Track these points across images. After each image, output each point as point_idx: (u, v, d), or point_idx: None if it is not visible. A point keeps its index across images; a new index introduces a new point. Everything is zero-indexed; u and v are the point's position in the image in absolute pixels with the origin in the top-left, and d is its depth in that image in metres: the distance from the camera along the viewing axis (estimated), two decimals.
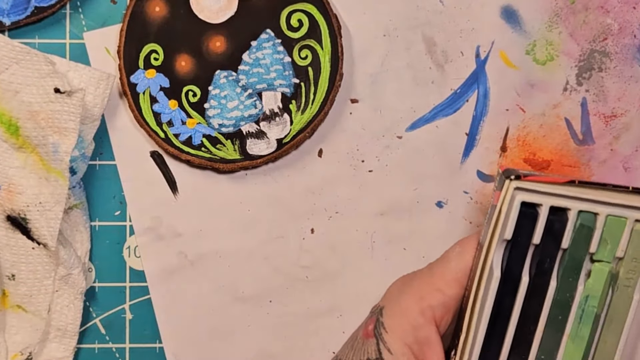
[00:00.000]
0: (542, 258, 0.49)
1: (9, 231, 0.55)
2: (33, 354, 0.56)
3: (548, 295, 0.49)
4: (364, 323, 0.54)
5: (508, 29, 0.58)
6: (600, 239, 0.48)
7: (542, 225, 0.48)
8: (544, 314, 0.49)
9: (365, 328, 0.53)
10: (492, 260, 0.48)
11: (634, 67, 0.58)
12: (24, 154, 0.55)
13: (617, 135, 0.59)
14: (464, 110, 0.58)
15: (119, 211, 0.58)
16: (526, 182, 0.47)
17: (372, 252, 0.59)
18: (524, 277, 0.49)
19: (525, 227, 0.48)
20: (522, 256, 0.49)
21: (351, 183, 0.59)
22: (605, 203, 0.48)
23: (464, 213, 0.59)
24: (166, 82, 0.57)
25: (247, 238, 0.58)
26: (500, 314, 0.49)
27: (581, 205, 0.48)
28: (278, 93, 0.57)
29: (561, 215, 0.48)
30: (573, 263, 0.49)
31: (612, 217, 0.48)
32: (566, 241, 0.48)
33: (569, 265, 0.49)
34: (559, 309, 0.49)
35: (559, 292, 0.49)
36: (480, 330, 0.49)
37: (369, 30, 0.58)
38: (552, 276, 0.49)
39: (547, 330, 0.49)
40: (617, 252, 0.49)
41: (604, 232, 0.48)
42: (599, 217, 0.48)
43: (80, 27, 0.57)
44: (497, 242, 0.48)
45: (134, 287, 0.59)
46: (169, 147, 0.57)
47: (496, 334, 0.49)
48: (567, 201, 0.48)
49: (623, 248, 0.49)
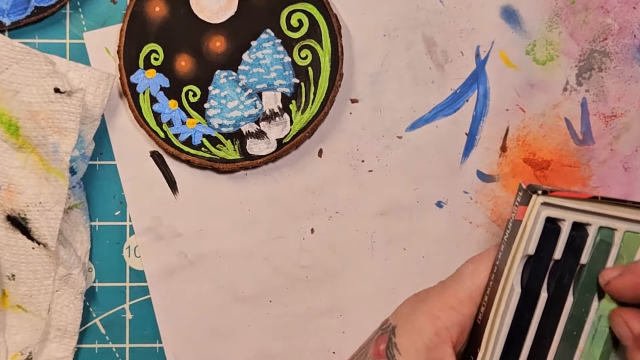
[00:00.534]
0: (562, 273, 0.48)
1: (9, 231, 0.55)
2: (33, 354, 0.56)
3: (565, 310, 0.49)
4: (372, 339, 0.54)
5: (508, 29, 0.58)
6: (618, 255, 0.48)
7: (564, 240, 0.48)
8: (559, 329, 0.49)
9: (376, 347, 0.52)
10: (514, 276, 0.48)
11: (634, 67, 0.58)
12: (24, 154, 0.55)
13: (617, 135, 0.59)
14: (464, 110, 0.58)
15: (119, 211, 0.58)
16: (552, 197, 0.47)
17: (372, 252, 0.59)
18: (543, 293, 0.48)
19: (547, 242, 0.48)
20: (542, 271, 0.48)
21: (351, 183, 0.59)
22: (624, 219, 0.48)
23: (464, 213, 0.59)
24: (166, 82, 0.57)
25: (247, 238, 0.58)
26: (517, 329, 0.49)
27: (601, 221, 0.48)
28: (278, 93, 0.57)
29: (581, 230, 0.48)
30: (590, 279, 0.49)
31: (629, 233, 0.48)
32: (585, 257, 0.48)
33: (587, 281, 0.49)
34: (574, 325, 0.49)
35: (575, 308, 0.49)
36: (498, 346, 0.49)
37: (369, 30, 0.58)
38: (569, 292, 0.49)
39: (561, 345, 0.49)
40: None
41: (621, 248, 0.48)
42: (617, 233, 0.48)
43: (80, 27, 0.57)
44: (520, 258, 0.48)
45: (134, 287, 0.59)
46: (169, 147, 0.57)
47: (512, 349, 0.49)
48: (589, 217, 0.48)
49: None
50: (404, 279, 0.59)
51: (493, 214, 0.59)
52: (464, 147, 0.58)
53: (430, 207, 0.59)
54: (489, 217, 0.59)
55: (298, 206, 0.58)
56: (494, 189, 0.59)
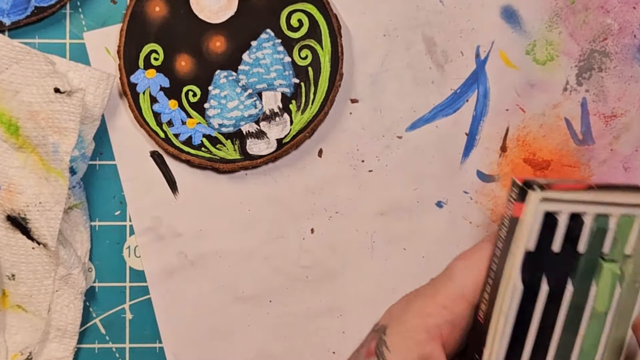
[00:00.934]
0: (560, 265, 0.49)
1: (9, 231, 0.55)
2: (33, 354, 0.56)
3: (565, 301, 0.49)
4: (365, 342, 0.53)
5: (508, 29, 0.58)
6: (613, 240, 0.49)
7: (561, 232, 0.48)
8: (560, 319, 0.49)
9: (367, 347, 0.52)
10: (515, 274, 0.48)
11: (634, 67, 0.58)
12: (24, 154, 0.55)
13: (617, 135, 0.59)
14: (464, 110, 0.58)
15: (119, 211, 0.58)
16: (550, 191, 0.47)
17: (372, 252, 0.59)
18: (543, 286, 0.49)
19: (545, 236, 0.48)
20: (541, 265, 0.48)
21: (351, 183, 0.59)
22: (618, 204, 0.48)
23: (464, 213, 0.59)
24: (166, 82, 0.57)
25: (247, 238, 0.58)
26: (520, 324, 0.49)
27: (598, 209, 0.48)
28: (278, 93, 0.57)
29: (577, 220, 0.48)
30: (588, 266, 0.49)
31: (624, 217, 0.48)
32: (583, 246, 0.48)
33: (585, 268, 0.49)
34: (575, 313, 0.49)
35: (576, 297, 0.49)
36: (504, 344, 0.49)
37: (369, 30, 0.58)
38: (568, 282, 0.49)
39: (564, 334, 0.49)
40: (626, 250, 0.49)
41: (616, 232, 0.48)
42: (612, 219, 0.48)
43: (80, 27, 0.57)
44: (521, 254, 0.48)
45: (134, 287, 0.59)
46: (169, 147, 0.57)
47: (516, 344, 0.49)
48: (585, 206, 0.48)
49: (632, 246, 0.49)
50: (404, 279, 0.58)
51: (493, 214, 0.59)
52: (464, 147, 0.58)
53: (430, 207, 0.59)
54: (489, 217, 0.59)
55: (298, 206, 0.58)
56: (494, 189, 0.59)
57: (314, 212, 0.59)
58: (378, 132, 0.58)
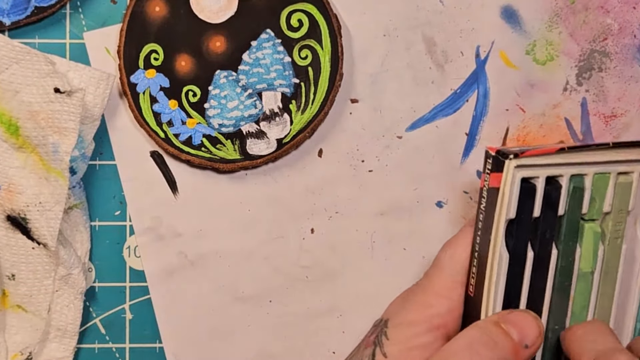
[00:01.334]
0: (542, 229, 0.49)
1: (9, 231, 0.55)
2: (33, 354, 0.56)
3: (552, 264, 0.50)
4: (366, 336, 0.54)
5: (508, 29, 0.58)
6: (590, 198, 0.49)
7: (540, 197, 0.48)
8: (549, 283, 0.50)
9: (367, 339, 0.53)
10: (500, 243, 0.48)
11: (634, 67, 0.58)
12: (24, 154, 0.55)
13: (617, 135, 0.59)
14: (464, 110, 0.58)
15: (119, 211, 0.58)
16: (524, 158, 0.48)
17: (372, 252, 0.59)
18: (529, 253, 0.49)
19: (524, 203, 0.48)
20: (524, 231, 0.49)
21: (351, 183, 0.59)
22: (592, 163, 0.49)
23: (464, 213, 0.59)
24: (166, 82, 0.57)
25: (247, 238, 0.58)
26: (510, 293, 0.49)
27: (572, 170, 0.49)
28: (278, 93, 0.57)
29: (554, 183, 0.49)
30: (570, 227, 0.49)
31: (598, 174, 0.49)
32: (562, 208, 0.49)
33: (567, 230, 0.49)
34: (564, 276, 0.50)
35: (562, 259, 0.50)
36: None
37: (369, 30, 0.58)
38: (553, 245, 0.50)
39: (555, 299, 0.50)
40: (604, 207, 0.50)
41: (592, 191, 0.49)
42: (587, 178, 0.49)
43: (80, 27, 0.57)
44: (503, 223, 0.48)
45: (134, 287, 0.59)
46: (169, 147, 0.57)
47: None
48: (560, 169, 0.49)
49: (609, 202, 0.50)
50: (404, 279, 0.58)
51: None
52: (464, 147, 0.58)
53: (430, 207, 0.59)
54: None
55: (298, 206, 0.58)
56: None
57: (314, 212, 0.59)
58: (378, 132, 0.58)
